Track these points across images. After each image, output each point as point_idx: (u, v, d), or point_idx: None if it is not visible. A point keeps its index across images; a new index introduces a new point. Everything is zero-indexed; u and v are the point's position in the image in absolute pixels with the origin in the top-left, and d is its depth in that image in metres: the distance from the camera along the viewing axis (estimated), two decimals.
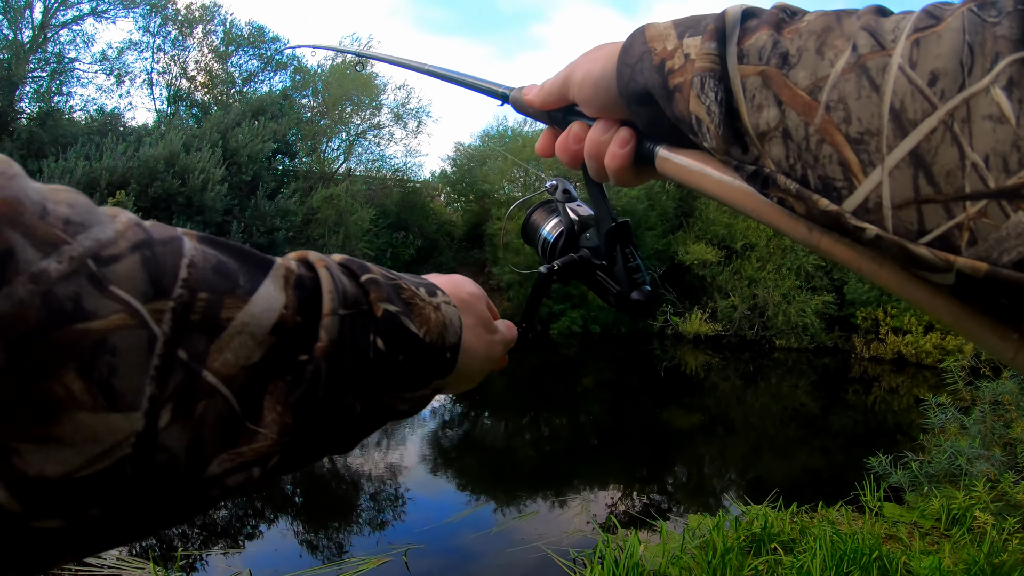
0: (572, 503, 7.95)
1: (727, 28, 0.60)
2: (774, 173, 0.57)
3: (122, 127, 22.72)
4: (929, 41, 0.47)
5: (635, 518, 7.44)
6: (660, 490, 9.04)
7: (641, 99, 0.70)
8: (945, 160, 0.45)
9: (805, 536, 5.99)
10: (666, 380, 16.24)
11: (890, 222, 0.49)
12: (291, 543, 6.90)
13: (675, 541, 6.12)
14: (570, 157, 0.87)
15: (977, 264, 0.45)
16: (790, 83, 0.54)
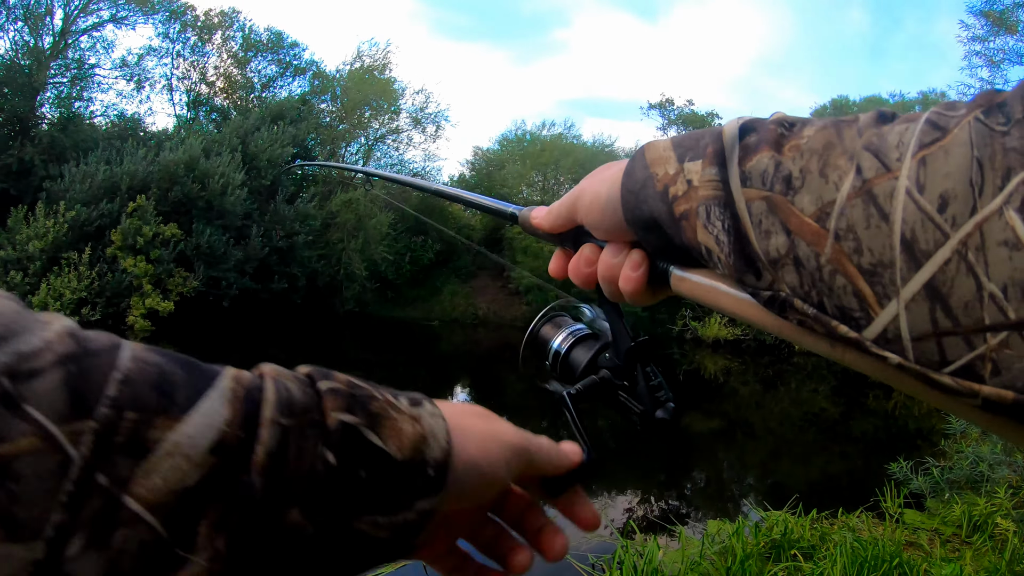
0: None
1: (726, 149, 0.59)
2: (790, 297, 0.55)
3: (142, 132, 22.98)
4: (936, 159, 0.45)
5: (654, 523, 7.40)
6: (679, 495, 9.04)
7: (648, 226, 0.69)
8: (962, 292, 0.43)
9: (825, 542, 5.91)
10: (685, 384, 16.21)
11: (911, 352, 0.47)
12: None
13: (694, 547, 6.05)
14: (583, 280, 0.85)
15: (1003, 392, 0.43)
16: (796, 210, 0.52)
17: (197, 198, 19.17)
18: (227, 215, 19.66)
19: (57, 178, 18.76)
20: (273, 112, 23.39)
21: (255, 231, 20.26)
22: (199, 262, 18.84)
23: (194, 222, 19.09)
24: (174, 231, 18.36)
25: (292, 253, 21.30)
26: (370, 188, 20.81)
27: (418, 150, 37.26)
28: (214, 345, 17.21)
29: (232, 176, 19.63)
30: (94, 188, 18.40)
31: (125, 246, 17.72)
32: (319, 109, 25.77)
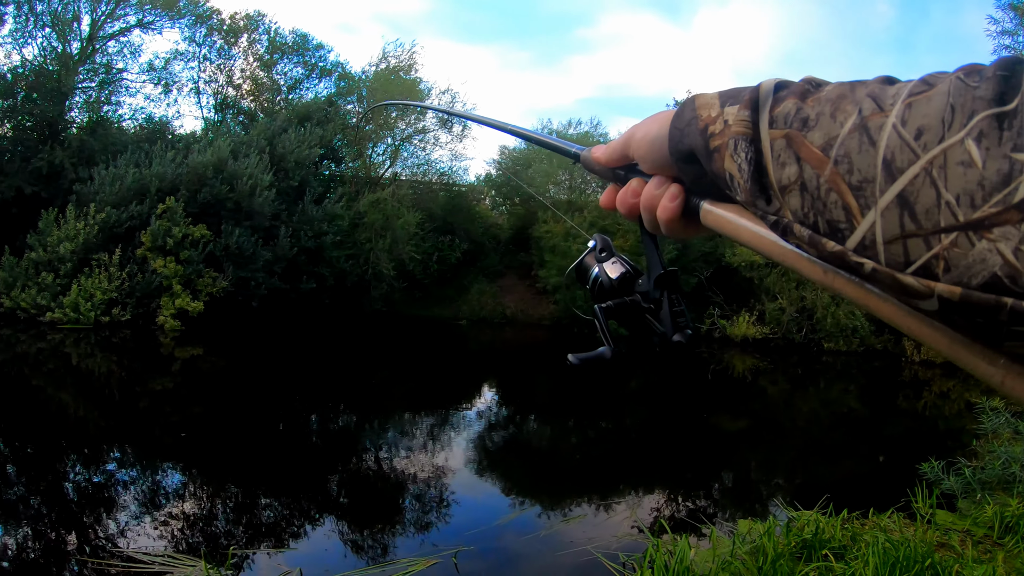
0: (619, 507, 7.87)
1: (760, 99, 0.69)
2: (791, 223, 0.66)
3: (170, 135, 23.23)
4: (920, 103, 0.55)
5: (683, 522, 7.35)
6: (708, 494, 8.96)
7: (687, 158, 0.80)
8: (925, 200, 0.53)
9: (856, 543, 5.88)
10: (714, 384, 16.14)
11: (883, 256, 0.57)
12: (340, 544, 6.90)
13: (725, 546, 6.02)
14: (627, 209, 0.96)
15: (952, 288, 0.52)
16: (807, 142, 0.62)
17: (226, 199, 19.27)
18: (256, 216, 19.74)
19: (87, 181, 19.03)
20: (300, 114, 23.47)
21: (283, 232, 20.32)
22: (228, 263, 18.97)
23: (223, 223, 19.21)
24: (203, 232, 18.50)
25: (320, 253, 21.36)
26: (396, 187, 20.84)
27: (445, 150, 37.17)
28: (244, 344, 17.41)
29: (260, 177, 19.72)
30: (124, 190, 18.60)
31: (155, 247, 17.88)
32: (345, 110, 25.83)
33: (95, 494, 7.91)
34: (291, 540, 6.88)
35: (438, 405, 13.42)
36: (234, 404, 11.97)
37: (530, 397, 14.29)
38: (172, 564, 5.99)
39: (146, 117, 24.71)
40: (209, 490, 8.21)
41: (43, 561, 6.26)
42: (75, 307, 16.66)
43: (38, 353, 15.14)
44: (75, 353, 15.20)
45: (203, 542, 6.54)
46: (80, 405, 11.79)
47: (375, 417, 12.25)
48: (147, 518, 7.10)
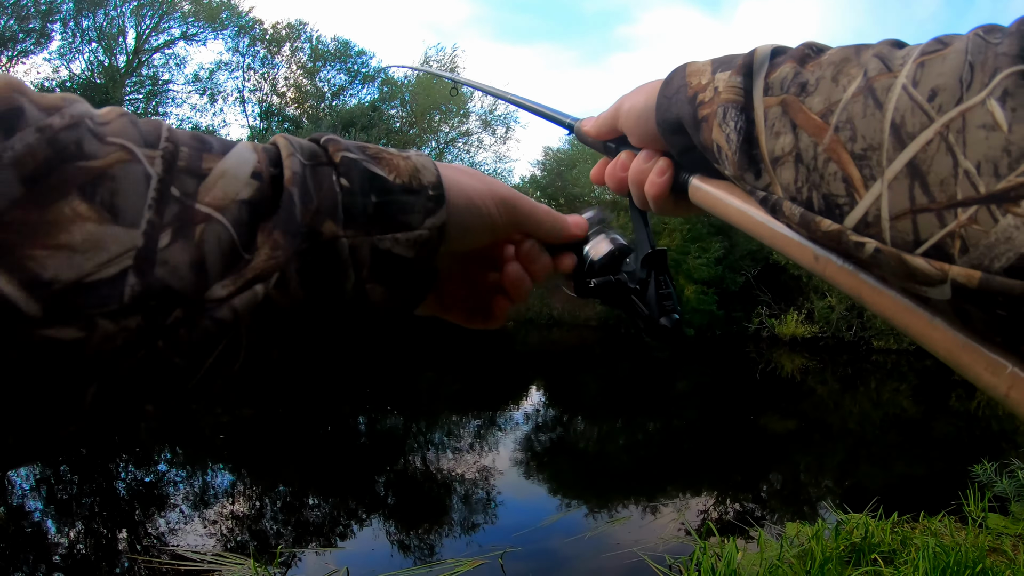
0: (665, 509, 7.76)
1: (755, 64, 0.64)
2: (781, 200, 0.60)
3: None
4: (934, 62, 0.49)
5: (730, 525, 7.26)
6: (756, 496, 8.78)
7: (674, 128, 0.75)
8: (940, 169, 0.47)
9: (906, 547, 5.78)
10: (762, 384, 15.92)
11: (888, 234, 0.50)
12: (386, 543, 6.88)
13: (772, 549, 5.94)
14: (616, 184, 0.91)
15: (971, 272, 0.46)
16: (805, 108, 0.57)
17: None
18: None
19: None
20: (344, 119, 23.63)
21: None
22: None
23: None
24: None
25: None
26: None
27: (489, 152, 37.32)
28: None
29: None
30: None
31: None
32: (389, 115, 26.04)
33: (145, 493, 8.03)
34: (338, 539, 6.91)
35: (485, 406, 13.43)
36: (282, 405, 11.93)
37: (577, 398, 14.21)
38: (221, 562, 6.06)
39: (193, 126, 24.75)
40: (258, 490, 8.32)
41: (94, 559, 6.37)
42: None
43: None
44: None
45: (251, 541, 6.61)
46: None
47: (422, 418, 12.27)
48: (196, 517, 7.21)
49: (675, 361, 18.24)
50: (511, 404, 13.72)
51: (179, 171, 0.47)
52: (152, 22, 23.47)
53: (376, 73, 26.74)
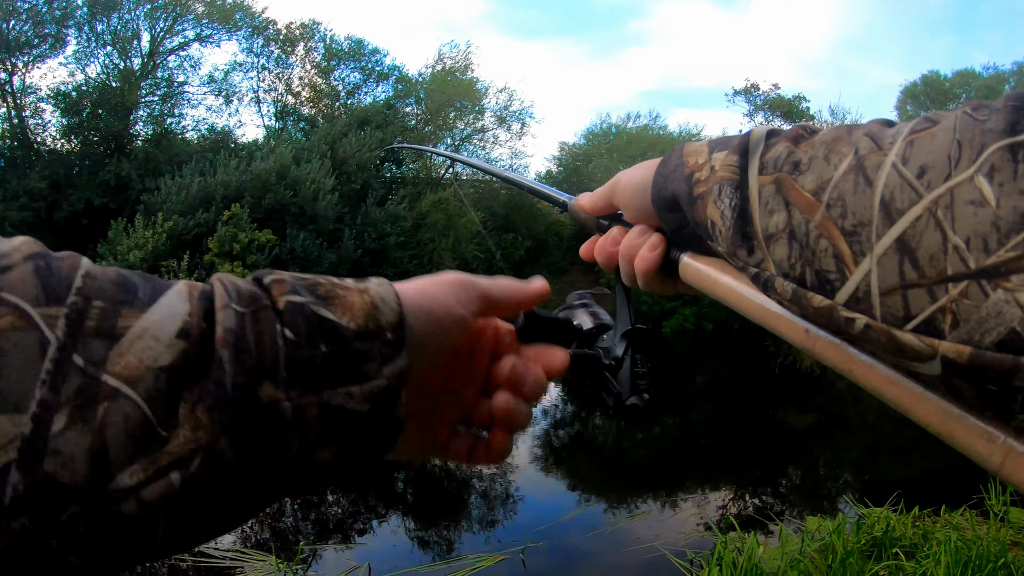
0: (684, 504, 7.81)
1: (751, 144, 0.66)
2: (774, 276, 0.61)
3: (233, 144, 23.56)
4: (923, 140, 0.50)
5: (751, 519, 7.25)
6: (775, 491, 8.80)
7: (669, 205, 0.78)
8: (929, 245, 0.47)
9: (928, 541, 5.79)
10: (780, 378, 15.76)
11: (878, 310, 0.51)
12: (408, 540, 6.96)
13: (794, 544, 5.98)
14: (605, 258, 0.93)
15: (960, 348, 0.46)
16: (798, 186, 0.58)
17: (290, 204, 19.54)
18: (319, 219, 19.93)
19: (154, 191, 19.43)
20: (359, 118, 23.65)
21: (347, 234, 20.50)
22: (294, 266, 18.95)
23: (288, 227, 19.45)
24: (269, 237, 18.66)
25: (384, 254, 21.50)
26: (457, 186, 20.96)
27: (504, 148, 37.04)
28: None
29: (323, 182, 19.93)
30: (190, 199, 18.94)
31: (222, 253, 18.11)
32: (404, 112, 26.03)
33: None
34: (359, 536, 7.00)
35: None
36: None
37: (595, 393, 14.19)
38: (243, 559, 6.12)
39: (209, 127, 25.23)
40: None
41: None
42: None
43: None
44: None
45: (272, 537, 6.70)
46: None
47: None
48: None
49: (693, 355, 18.16)
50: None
51: (86, 334, 0.43)
52: (166, 25, 23.53)
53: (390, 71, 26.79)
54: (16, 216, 18.53)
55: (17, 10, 20.72)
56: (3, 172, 20.17)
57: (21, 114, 21.40)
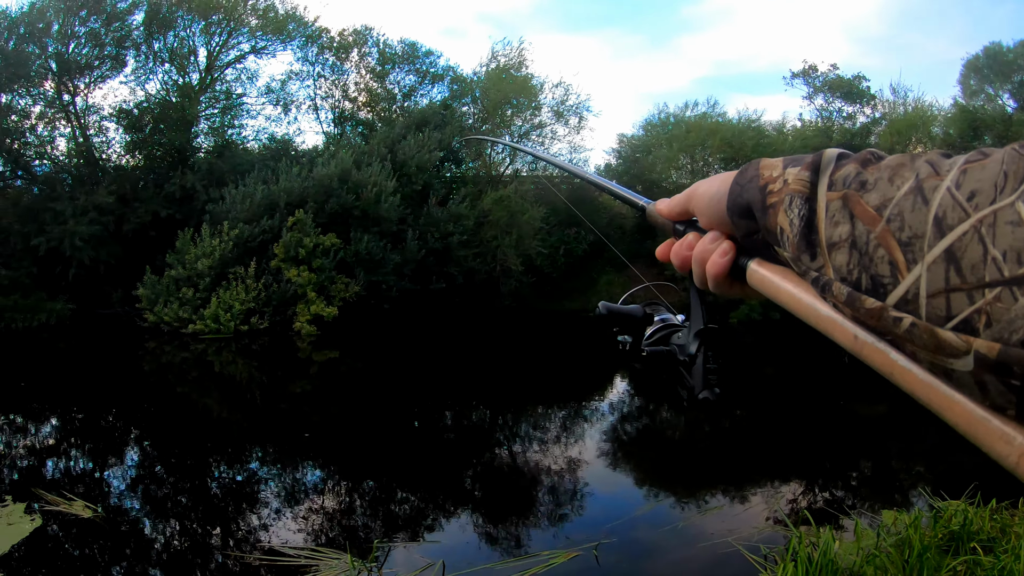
0: (755, 498, 7.61)
1: (823, 163, 0.72)
2: (831, 280, 0.67)
3: (294, 151, 23.93)
4: (975, 169, 0.56)
5: (824, 513, 7.00)
6: (848, 484, 8.50)
7: (743, 212, 0.82)
8: (972, 255, 0.53)
9: (1006, 535, 5.62)
10: (850, 368, 15.32)
11: (924, 310, 0.56)
12: (478, 537, 6.87)
13: (869, 538, 5.79)
14: (680, 261, 0.97)
15: (992, 345, 0.51)
16: (863, 202, 0.64)
17: (353, 208, 19.69)
18: (382, 221, 20.06)
19: (218, 201, 19.76)
20: (416, 120, 23.73)
21: (411, 235, 20.56)
22: (359, 268, 19.25)
23: (351, 230, 19.56)
24: (333, 240, 18.83)
25: (448, 253, 21.50)
26: (520, 184, 20.87)
27: (563, 143, 36.87)
28: (378, 346, 17.60)
29: (384, 184, 20.04)
30: (254, 207, 19.19)
31: (288, 258, 18.32)
32: (461, 112, 25.98)
33: (241, 493, 8.10)
34: (432, 534, 6.90)
35: (571, 398, 13.34)
36: (371, 403, 12.08)
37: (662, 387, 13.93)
38: (318, 557, 6.06)
39: (269, 136, 25.67)
40: (351, 487, 8.34)
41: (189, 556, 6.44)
42: (215, 318, 17.27)
43: (183, 362, 15.70)
44: (217, 361, 15.77)
45: (346, 536, 6.60)
46: (224, 409, 12.15)
47: (509, 411, 12.22)
48: (292, 514, 7.29)
49: (761, 346, 17.85)
50: (597, 395, 13.65)
51: None
52: (221, 39, 24.02)
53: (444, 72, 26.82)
54: (86, 230, 18.99)
55: (76, 34, 21.33)
56: (72, 189, 20.68)
57: (86, 133, 21.98)
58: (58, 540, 6.57)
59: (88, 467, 8.91)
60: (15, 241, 19.04)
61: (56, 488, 7.52)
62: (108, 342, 17.46)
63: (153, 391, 13.00)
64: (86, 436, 10.36)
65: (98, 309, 19.67)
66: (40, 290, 19.15)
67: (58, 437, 10.22)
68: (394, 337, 18.38)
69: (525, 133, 26.32)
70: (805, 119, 31.07)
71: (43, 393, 12.74)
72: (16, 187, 21.00)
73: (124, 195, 20.49)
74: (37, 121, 21.42)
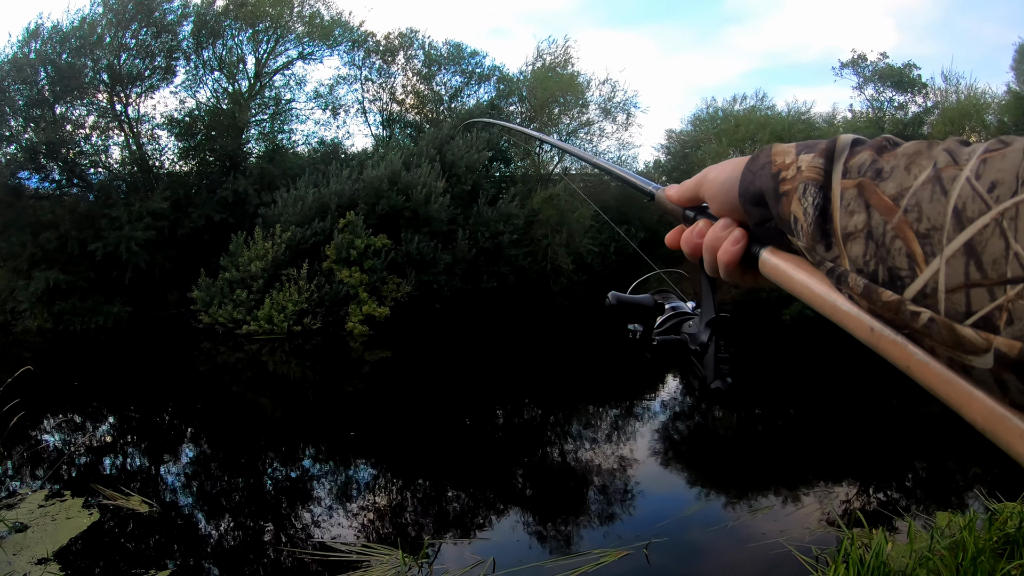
0: (806, 498, 7.46)
1: (837, 150, 0.70)
2: (848, 271, 0.65)
3: (343, 154, 24.17)
4: (995, 159, 0.54)
5: (876, 514, 6.85)
6: (901, 485, 8.25)
7: (755, 200, 0.80)
8: (993, 250, 0.51)
9: None
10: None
11: (943, 305, 0.55)
12: (527, 535, 6.83)
13: (923, 540, 5.60)
14: (691, 249, 0.95)
15: (1012, 343, 0.50)
16: (879, 191, 0.63)
17: (403, 209, 19.79)
18: (433, 222, 20.13)
19: (270, 204, 20.02)
20: (464, 119, 23.67)
21: (461, 235, 20.62)
22: (410, 268, 19.35)
23: (402, 231, 19.67)
24: (384, 241, 18.98)
25: (499, 253, 21.51)
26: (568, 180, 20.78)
27: (611, 140, 36.86)
28: (430, 345, 17.66)
29: (433, 185, 20.13)
30: (305, 209, 19.38)
31: (339, 259, 18.47)
32: (508, 112, 26.06)
33: (294, 489, 8.17)
34: (482, 531, 6.91)
35: (620, 396, 13.25)
36: (423, 402, 12.16)
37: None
38: (368, 553, 6.10)
39: (319, 140, 25.97)
40: (402, 484, 8.35)
41: (242, 550, 6.53)
42: (269, 319, 17.49)
43: (237, 363, 15.95)
44: (271, 361, 15.95)
45: (397, 533, 6.64)
46: (277, 408, 12.26)
47: (559, 410, 12.16)
48: (344, 511, 7.36)
49: (813, 344, 17.64)
50: (648, 393, 13.52)
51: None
52: (269, 46, 24.34)
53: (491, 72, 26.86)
54: (141, 235, 19.33)
55: (127, 45, 21.74)
56: (126, 195, 21.11)
57: (139, 141, 22.36)
58: (115, 534, 6.67)
59: (145, 463, 9.02)
60: (72, 247, 19.40)
61: (114, 483, 7.59)
62: (164, 343, 17.78)
63: (208, 391, 13.23)
64: (143, 434, 10.52)
65: (154, 311, 19.98)
66: (98, 294, 19.54)
67: (116, 434, 10.38)
68: (446, 336, 18.43)
69: (573, 131, 26.23)
70: (855, 110, 30.43)
71: (101, 392, 12.97)
72: (72, 194, 21.42)
73: (178, 200, 20.88)
74: (91, 131, 21.80)
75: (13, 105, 20.33)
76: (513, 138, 24.17)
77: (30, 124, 20.55)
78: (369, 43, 26.18)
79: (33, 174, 20.92)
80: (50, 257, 19.41)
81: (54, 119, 20.62)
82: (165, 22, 22.04)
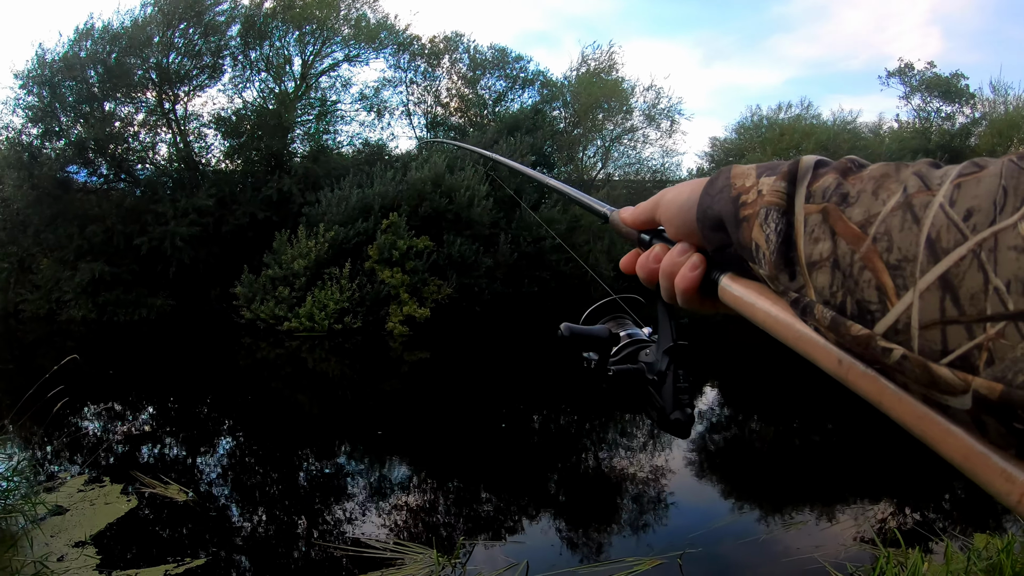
0: (841, 515, 7.34)
1: (799, 172, 0.66)
2: (813, 302, 0.62)
3: (387, 156, 24.26)
4: (969, 184, 0.51)
5: (913, 533, 6.77)
6: (938, 504, 8.09)
7: (714, 225, 0.77)
8: (971, 284, 0.48)
9: None
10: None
11: (916, 342, 0.52)
12: (560, 540, 6.82)
13: (959, 562, 5.51)
14: (647, 274, 0.92)
15: (993, 385, 0.47)
16: (845, 217, 0.59)
17: (446, 211, 19.82)
18: (475, 225, 20.15)
19: (314, 204, 20.20)
20: (508, 124, 23.91)
21: (503, 238, 20.60)
22: (451, 271, 19.36)
23: (444, 234, 19.71)
24: (426, 243, 19.03)
25: (540, 257, 21.43)
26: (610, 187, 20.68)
27: (655, 147, 36.74)
28: (469, 347, 17.67)
29: (476, 188, 20.19)
30: (349, 210, 19.51)
31: (381, 259, 18.54)
32: (552, 117, 26.02)
33: (330, 486, 8.22)
34: (516, 535, 6.88)
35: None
36: (460, 403, 12.17)
37: (752, 396, 13.57)
38: (403, 551, 6.13)
39: (363, 142, 26.21)
40: (437, 485, 8.38)
41: (276, 544, 6.57)
42: (310, 316, 17.59)
43: (277, 359, 16.03)
44: (311, 358, 16.06)
45: (432, 532, 6.64)
46: (316, 405, 12.29)
47: (596, 417, 12.02)
48: (378, 509, 7.38)
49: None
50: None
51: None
52: (315, 48, 24.70)
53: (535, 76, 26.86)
54: (186, 231, 19.65)
55: (175, 45, 22.13)
56: (172, 192, 21.48)
57: (186, 139, 22.71)
58: (151, 520, 6.74)
59: (183, 453, 9.08)
60: (118, 240, 19.83)
61: (152, 471, 7.64)
62: (206, 337, 18.02)
63: (248, 385, 13.34)
64: (183, 425, 10.61)
65: (197, 306, 20.25)
66: (141, 287, 19.94)
67: (156, 424, 10.48)
68: (485, 339, 18.42)
69: (617, 137, 26.19)
70: (902, 120, 30.17)
71: (143, 383, 13.14)
72: (119, 189, 21.85)
73: (223, 198, 21.18)
74: (140, 128, 22.26)
75: (63, 102, 20.75)
76: (557, 144, 24.15)
77: (80, 120, 20.95)
78: (414, 46, 26.47)
79: (81, 168, 21.38)
80: (96, 249, 19.86)
81: (103, 116, 21.12)
82: (214, 23, 22.42)
